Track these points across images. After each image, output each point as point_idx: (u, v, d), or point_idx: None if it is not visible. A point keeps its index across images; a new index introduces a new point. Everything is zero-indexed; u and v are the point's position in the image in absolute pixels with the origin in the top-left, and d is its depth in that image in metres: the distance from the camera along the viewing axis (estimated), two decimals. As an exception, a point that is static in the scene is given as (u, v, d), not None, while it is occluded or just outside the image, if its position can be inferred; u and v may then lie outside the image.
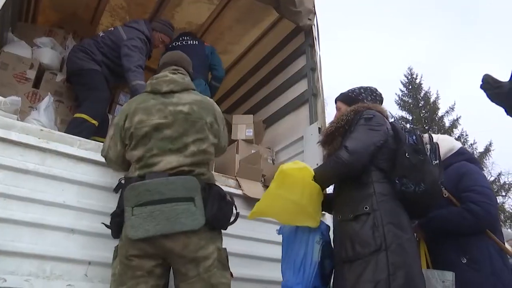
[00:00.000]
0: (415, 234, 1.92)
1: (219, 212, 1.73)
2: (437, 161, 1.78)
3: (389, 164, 1.76)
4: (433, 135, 2.26)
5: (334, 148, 1.88)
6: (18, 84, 3.15)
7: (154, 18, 4.39)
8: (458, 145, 2.26)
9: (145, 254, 1.64)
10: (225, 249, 1.80)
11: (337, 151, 1.76)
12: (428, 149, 1.79)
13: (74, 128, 2.78)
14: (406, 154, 1.72)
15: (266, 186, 2.72)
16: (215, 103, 2.07)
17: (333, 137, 1.91)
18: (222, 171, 2.89)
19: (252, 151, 3.55)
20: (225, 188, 2.45)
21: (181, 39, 4.04)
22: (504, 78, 1.60)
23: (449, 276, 1.78)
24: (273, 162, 3.66)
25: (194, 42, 3.99)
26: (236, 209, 1.87)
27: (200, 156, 1.81)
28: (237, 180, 2.65)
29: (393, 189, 1.71)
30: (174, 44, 3.96)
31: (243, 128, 3.90)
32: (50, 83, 3.37)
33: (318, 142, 2.10)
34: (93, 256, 1.91)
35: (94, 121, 2.95)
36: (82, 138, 2.15)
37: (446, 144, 2.20)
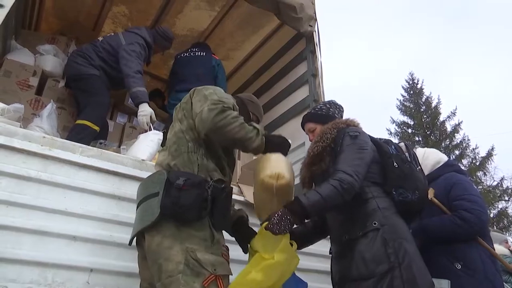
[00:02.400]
0: None
1: (166, 200, 1.47)
2: (419, 167, 1.84)
3: (381, 178, 1.76)
4: (420, 148, 2.39)
5: (321, 168, 1.83)
6: (21, 91, 3.17)
7: (156, 25, 4.43)
8: (445, 157, 2.36)
9: (140, 260, 1.64)
10: (203, 249, 1.46)
11: (334, 176, 1.63)
12: (408, 157, 1.82)
13: (77, 134, 2.79)
14: (395, 164, 1.73)
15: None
16: (204, 88, 1.80)
17: (321, 158, 1.84)
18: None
19: (254, 157, 3.54)
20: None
21: (190, 50, 4.14)
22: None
23: (445, 284, 1.80)
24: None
25: (202, 54, 4.05)
26: (207, 193, 1.53)
27: (174, 145, 1.68)
28: (239, 186, 2.64)
29: (392, 202, 1.71)
30: (183, 55, 4.10)
31: (245, 134, 3.90)
32: (52, 90, 3.39)
33: (302, 163, 1.98)
34: (95, 264, 1.90)
35: (96, 127, 2.97)
36: (84, 145, 2.15)
37: (434, 156, 2.32)
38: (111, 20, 4.56)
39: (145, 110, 2.95)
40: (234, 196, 2.49)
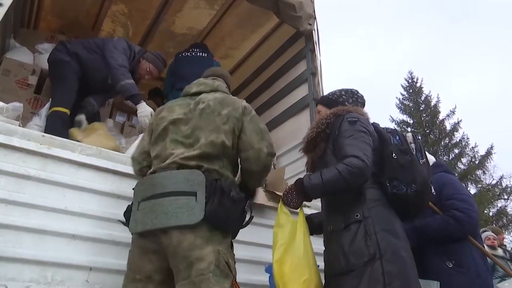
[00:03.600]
0: None
1: (219, 208, 1.53)
2: (424, 160, 1.76)
3: (377, 167, 1.69)
4: None
5: (317, 154, 1.81)
6: (20, 90, 3.17)
7: (155, 24, 4.43)
8: (432, 158, 2.37)
9: (143, 253, 1.59)
10: (229, 254, 1.58)
11: (344, 160, 1.60)
12: (414, 148, 1.76)
13: (49, 124, 2.77)
14: (393, 154, 1.68)
15: (267, 191, 2.72)
16: (243, 101, 1.92)
17: (315, 143, 1.82)
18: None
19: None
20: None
21: (191, 50, 4.09)
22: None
23: (435, 286, 1.81)
24: (274, 167, 3.66)
25: (203, 54, 4.02)
26: (250, 212, 1.73)
27: (208, 148, 1.68)
28: (238, 185, 2.64)
29: (383, 194, 1.66)
30: (184, 54, 4.06)
31: (244, 133, 3.90)
32: (51, 89, 3.38)
33: (300, 150, 1.99)
34: (94, 262, 1.90)
35: (64, 110, 2.89)
36: (84, 144, 2.15)
37: None
38: (110, 19, 4.55)
39: (145, 111, 2.92)
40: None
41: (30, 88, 3.23)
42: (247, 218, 1.75)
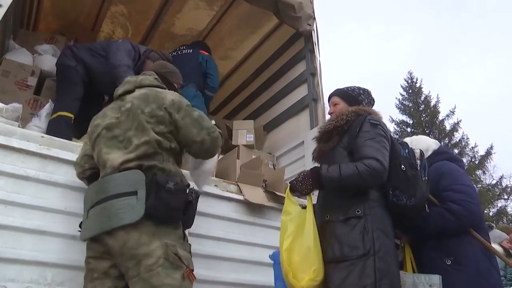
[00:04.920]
0: (400, 240, 1.93)
1: (157, 202, 1.55)
2: (426, 178, 1.81)
3: None
4: (407, 138, 2.25)
5: (329, 146, 1.85)
6: (19, 91, 3.17)
7: (154, 25, 4.43)
8: (434, 144, 2.19)
9: (98, 255, 1.62)
10: (179, 245, 1.59)
11: (365, 161, 1.65)
12: (419, 165, 1.80)
13: (53, 128, 2.78)
14: (402, 166, 1.73)
15: (267, 191, 2.72)
16: (170, 92, 1.90)
17: (330, 135, 1.87)
18: (223, 176, 2.89)
19: (253, 157, 3.55)
20: (226, 194, 2.47)
21: (178, 48, 4.13)
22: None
23: (436, 279, 1.73)
24: (274, 167, 3.66)
25: (189, 51, 4.03)
26: (191, 197, 1.70)
27: (143, 147, 1.67)
28: (238, 185, 2.64)
29: (384, 198, 1.72)
30: (173, 53, 4.07)
31: (244, 133, 3.91)
32: (51, 90, 3.38)
33: (313, 138, 2.03)
34: (94, 263, 1.90)
35: (69, 114, 2.92)
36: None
37: (421, 144, 2.13)
38: (110, 20, 4.56)
39: None
40: (233, 196, 2.52)
41: (30, 89, 3.23)
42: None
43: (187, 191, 1.68)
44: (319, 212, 1.80)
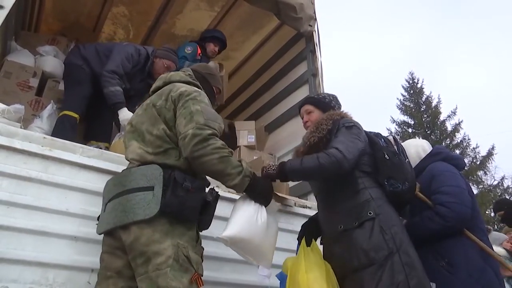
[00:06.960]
0: None
1: (173, 199, 1.50)
2: (407, 160, 1.89)
3: (372, 169, 1.81)
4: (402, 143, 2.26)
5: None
6: (21, 92, 3.18)
7: (155, 26, 4.44)
8: (427, 147, 2.21)
9: (111, 250, 1.61)
10: (191, 248, 1.54)
11: (325, 150, 1.73)
12: (397, 150, 1.87)
13: (57, 128, 2.80)
14: (386, 156, 1.79)
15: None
16: (189, 86, 1.80)
17: (317, 148, 1.84)
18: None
19: (254, 157, 3.55)
20: (227, 194, 2.47)
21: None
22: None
23: (432, 287, 1.70)
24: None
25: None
26: (210, 197, 1.65)
27: (156, 142, 1.66)
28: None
29: (383, 192, 1.76)
30: None
31: (245, 134, 3.91)
32: (53, 91, 3.39)
33: (301, 152, 1.97)
34: (96, 264, 1.89)
35: (74, 114, 2.92)
36: (85, 146, 2.15)
37: (414, 150, 2.18)
38: (111, 21, 4.57)
39: (125, 115, 2.88)
40: (234, 196, 2.51)
41: (32, 90, 3.24)
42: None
43: (206, 191, 1.66)
44: (327, 224, 1.83)
